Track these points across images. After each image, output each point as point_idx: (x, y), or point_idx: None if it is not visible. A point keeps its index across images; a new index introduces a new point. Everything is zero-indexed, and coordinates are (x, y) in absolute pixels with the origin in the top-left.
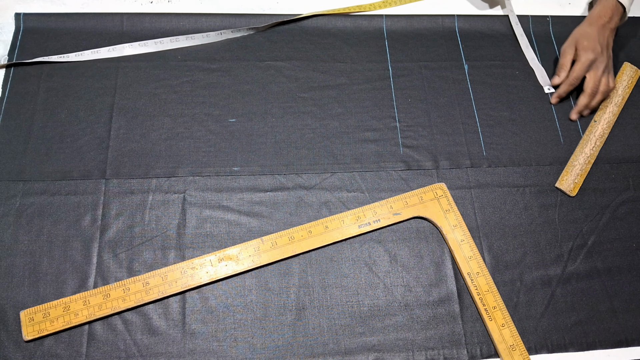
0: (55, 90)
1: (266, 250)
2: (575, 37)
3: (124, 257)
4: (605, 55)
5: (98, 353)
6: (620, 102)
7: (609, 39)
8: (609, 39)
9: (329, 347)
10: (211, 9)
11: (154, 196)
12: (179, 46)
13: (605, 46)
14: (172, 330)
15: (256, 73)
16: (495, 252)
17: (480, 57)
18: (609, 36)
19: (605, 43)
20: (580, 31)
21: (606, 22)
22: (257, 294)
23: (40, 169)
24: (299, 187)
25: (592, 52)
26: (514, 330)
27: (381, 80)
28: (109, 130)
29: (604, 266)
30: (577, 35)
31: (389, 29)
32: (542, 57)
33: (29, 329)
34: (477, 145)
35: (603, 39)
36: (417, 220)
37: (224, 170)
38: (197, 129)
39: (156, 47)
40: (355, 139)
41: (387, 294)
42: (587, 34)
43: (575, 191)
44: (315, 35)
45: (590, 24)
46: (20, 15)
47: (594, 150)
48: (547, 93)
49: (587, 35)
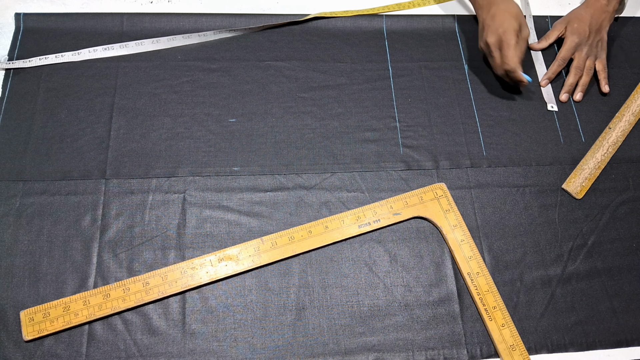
0: (55, 90)
1: (266, 250)
2: (569, 17)
3: (124, 257)
4: (594, 38)
5: (98, 353)
6: (638, 111)
7: (603, 22)
8: (604, 22)
9: (329, 347)
10: (211, 9)
11: (154, 196)
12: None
13: (596, 30)
14: (172, 330)
15: (256, 73)
16: (495, 252)
17: (480, 57)
18: (604, 19)
19: (597, 26)
20: (575, 12)
21: (604, 5)
22: (257, 294)
23: (40, 169)
24: (299, 187)
25: (578, 36)
26: (514, 330)
27: (381, 80)
28: (109, 130)
29: (604, 266)
30: (571, 16)
31: (389, 29)
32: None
33: (29, 329)
34: (477, 145)
35: (595, 22)
36: (417, 220)
37: (224, 170)
38: (197, 129)
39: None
40: (355, 139)
41: (387, 294)
42: (580, 16)
43: (581, 194)
44: (315, 35)
45: (587, 6)
46: (20, 15)
47: (605, 156)
48: (549, 110)
49: (579, 17)
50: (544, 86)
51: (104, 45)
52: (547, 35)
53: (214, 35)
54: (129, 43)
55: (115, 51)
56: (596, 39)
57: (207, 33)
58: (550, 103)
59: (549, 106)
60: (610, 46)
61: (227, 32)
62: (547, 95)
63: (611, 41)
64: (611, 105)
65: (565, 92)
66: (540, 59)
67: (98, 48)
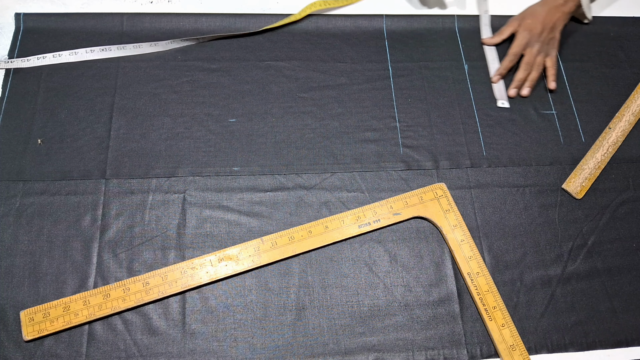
0: (55, 90)
1: (266, 250)
2: (524, 13)
3: (124, 257)
4: (546, 36)
5: (98, 353)
6: (638, 111)
7: (557, 21)
8: (558, 21)
9: (329, 347)
10: (211, 9)
11: (154, 196)
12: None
13: (549, 28)
14: (172, 330)
15: (256, 73)
16: (495, 252)
17: (480, 57)
18: (558, 18)
19: (551, 24)
20: (531, 9)
21: (560, 4)
22: (257, 294)
23: (40, 169)
24: (299, 187)
25: (529, 32)
26: (514, 330)
27: (381, 80)
28: (109, 130)
29: (604, 266)
30: (526, 12)
31: (389, 29)
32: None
33: (29, 329)
34: (477, 145)
35: (549, 20)
36: (417, 220)
37: (224, 170)
38: (197, 129)
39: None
40: (355, 139)
41: (387, 294)
42: (535, 13)
43: (581, 194)
44: (315, 35)
45: (543, 4)
46: (20, 15)
47: (605, 156)
48: (499, 107)
49: (533, 14)
50: (495, 82)
51: (102, 47)
52: (501, 31)
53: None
54: (127, 45)
55: (112, 52)
56: (549, 37)
57: (206, 37)
58: (501, 100)
59: (499, 102)
60: (610, 46)
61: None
62: (499, 92)
63: (611, 41)
64: (611, 105)
65: (513, 87)
66: (495, 55)
67: (95, 49)
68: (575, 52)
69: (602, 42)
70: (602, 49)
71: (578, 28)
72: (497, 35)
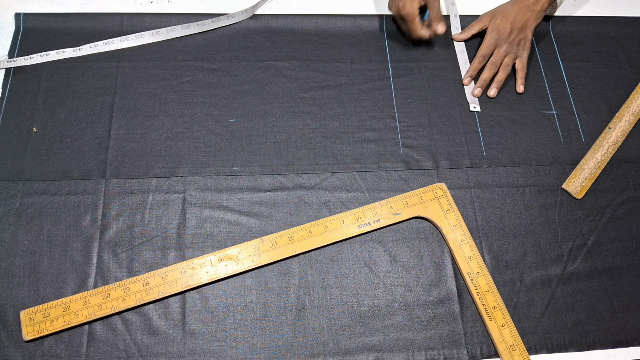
0: (55, 90)
1: (266, 250)
2: (495, 11)
3: (124, 257)
4: (516, 35)
5: (98, 353)
6: (638, 111)
7: (528, 21)
8: (529, 21)
9: (329, 347)
10: (211, 9)
11: (154, 196)
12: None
13: (519, 27)
14: (172, 330)
15: (256, 73)
16: (495, 252)
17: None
18: (529, 18)
19: (520, 24)
20: (501, 7)
21: (531, 4)
22: (257, 294)
23: (40, 169)
24: (299, 187)
25: (498, 32)
26: (514, 330)
27: (381, 80)
28: (109, 130)
29: (604, 266)
30: (497, 10)
31: (389, 29)
32: (542, 57)
33: (29, 329)
34: (477, 145)
35: (519, 20)
36: (417, 220)
37: (224, 170)
38: (197, 129)
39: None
40: (355, 139)
41: (387, 294)
42: (505, 12)
43: (581, 194)
44: (315, 35)
45: (514, 3)
46: (20, 15)
47: (605, 156)
48: (471, 110)
49: (503, 13)
50: (466, 84)
51: (105, 40)
52: (470, 27)
53: (212, 24)
54: (129, 36)
55: (115, 45)
56: (518, 37)
57: (206, 22)
58: (472, 104)
59: (471, 107)
60: (610, 46)
61: (226, 19)
62: (470, 96)
63: (611, 41)
64: (611, 105)
65: (478, 86)
66: (465, 58)
67: (99, 43)
68: (575, 52)
69: (602, 42)
70: (602, 49)
71: (578, 28)
72: (466, 31)
